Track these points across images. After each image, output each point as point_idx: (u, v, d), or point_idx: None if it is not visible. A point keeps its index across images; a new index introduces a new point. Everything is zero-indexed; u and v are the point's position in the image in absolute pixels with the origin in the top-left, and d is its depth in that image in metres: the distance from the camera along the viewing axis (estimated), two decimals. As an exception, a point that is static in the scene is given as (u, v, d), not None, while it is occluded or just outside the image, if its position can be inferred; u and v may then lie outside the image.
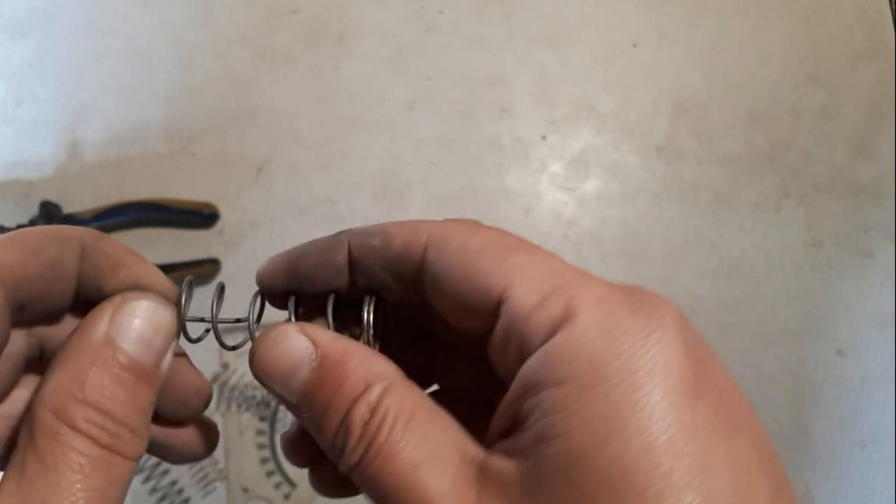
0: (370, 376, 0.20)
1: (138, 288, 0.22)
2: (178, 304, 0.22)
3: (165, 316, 0.21)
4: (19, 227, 0.53)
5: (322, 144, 0.59)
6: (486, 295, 0.19)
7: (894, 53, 0.66)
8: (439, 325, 0.24)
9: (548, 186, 0.60)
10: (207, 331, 0.25)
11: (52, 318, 0.22)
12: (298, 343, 0.21)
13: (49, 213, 0.54)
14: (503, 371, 0.20)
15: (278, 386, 0.21)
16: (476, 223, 0.22)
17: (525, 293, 0.19)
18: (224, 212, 0.57)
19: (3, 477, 0.19)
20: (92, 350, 0.20)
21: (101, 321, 0.20)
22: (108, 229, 0.55)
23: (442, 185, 0.59)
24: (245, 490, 0.53)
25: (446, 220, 0.22)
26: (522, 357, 0.18)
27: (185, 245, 0.56)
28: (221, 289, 0.25)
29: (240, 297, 0.61)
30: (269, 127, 0.58)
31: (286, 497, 0.53)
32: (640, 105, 0.63)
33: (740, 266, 0.61)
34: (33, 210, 0.54)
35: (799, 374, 0.60)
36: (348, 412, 0.19)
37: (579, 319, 0.18)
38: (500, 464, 0.18)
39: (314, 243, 0.24)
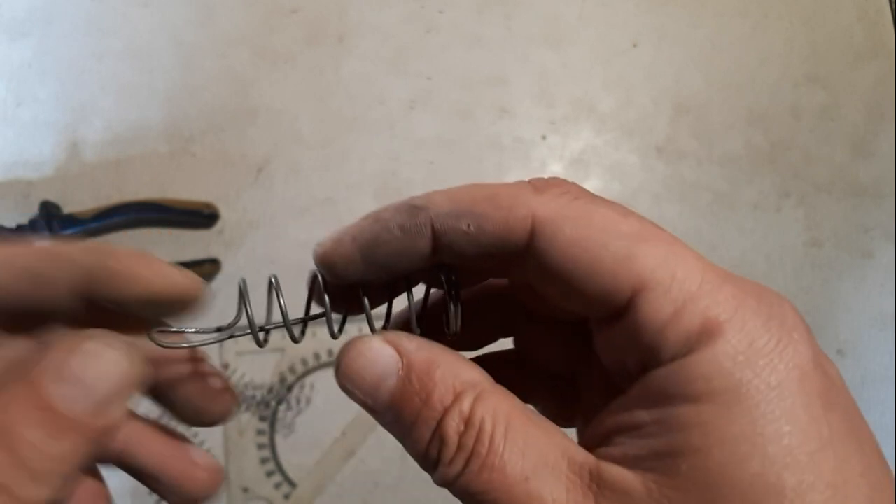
0: (458, 385, 0.19)
1: (151, 302, 0.21)
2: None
3: (118, 363, 0.19)
4: (19, 227, 0.53)
5: (322, 144, 0.59)
6: (612, 296, 0.18)
7: (894, 53, 0.66)
8: (532, 300, 0.23)
9: (548, 186, 0.60)
10: (268, 332, 0.24)
11: (50, 325, 0.22)
12: (383, 352, 0.21)
13: (49, 213, 0.54)
14: (612, 362, 0.20)
15: (365, 397, 0.20)
16: (583, 197, 0.20)
17: (659, 303, 0.18)
18: (224, 212, 0.57)
19: None
20: (23, 383, 0.18)
21: (45, 358, 0.18)
22: (107, 229, 0.55)
23: (442, 185, 0.59)
24: (245, 490, 0.53)
25: (548, 188, 0.20)
26: (648, 365, 0.18)
27: (185, 245, 0.56)
28: (273, 283, 0.25)
29: (237, 297, 0.61)
30: (269, 127, 0.58)
31: (286, 497, 0.53)
32: (640, 105, 0.62)
33: (740, 266, 0.61)
34: (33, 210, 0.54)
35: (799, 374, 0.60)
36: (440, 423, 0.19)
37: (718, 339, 0.17)
38: (621, 474, 0.17)
39: (385, 226, 0.22)
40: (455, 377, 0.19)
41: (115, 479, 0.23)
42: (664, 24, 0.64)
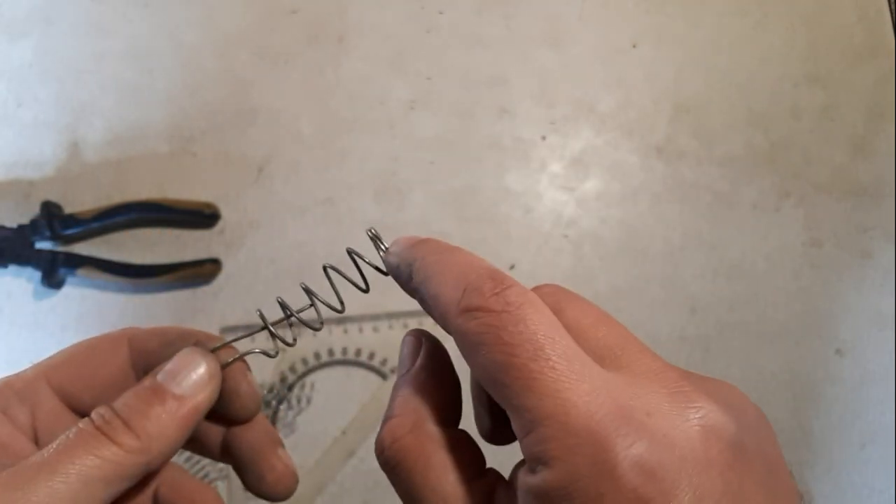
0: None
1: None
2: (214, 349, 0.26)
3: (198, 360, 0.25)
4: (20, 227, 0.54)
5: (322, 144, 0.59)
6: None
7: (894, 53, 0.66)
8: None
9: (548, 186, 0.61)
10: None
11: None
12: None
13: (50, 213, 0.54)
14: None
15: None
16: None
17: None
18: (225, 212, 0.57)
19: None
20: (142, 380, 0.25)
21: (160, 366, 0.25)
22: (109, 229, 0.55)
23: (442, 185, 0.59)
24: (246, 489, 0.53)
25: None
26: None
27: (185, 245, 0.56)
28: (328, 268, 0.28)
29: (240, 297, 0.61)
30: (270, 127, 0.58)
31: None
32: (640, 105, 0.63)
33: (740, 266, 0.61)
34: (34, 210, 0.54)
35: (798, 373, 0.60)
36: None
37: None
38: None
39: None
40: None
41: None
42: (664, 24, 0.64)
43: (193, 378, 0.24)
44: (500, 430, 0.24)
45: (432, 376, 0.24)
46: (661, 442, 0.18)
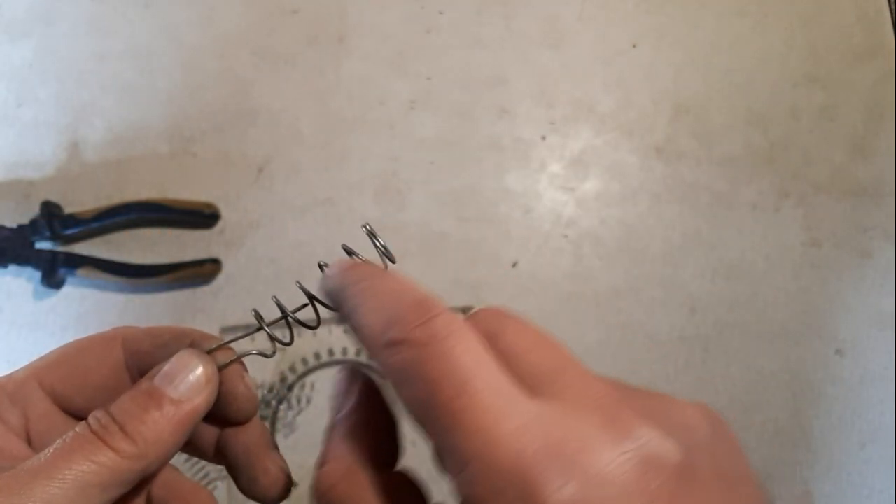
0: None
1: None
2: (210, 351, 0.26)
3: (193, 362, 0.24)
4: (20, 227, 0.54)
5: (322, 144, 0.59)
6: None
7: (893, 54, 0.66)
8: None
9: (547, 186, 0.61)
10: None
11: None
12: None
13: (50, 213, 0.54)
14: None
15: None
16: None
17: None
18: (225, 212, 0.57)
19: None
20: (138, 383, 0.24)
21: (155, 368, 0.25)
22: (109, 229, 0.55)
23: (442, 185, 0.59)
24: (240, 491, 0.53)
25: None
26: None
27: (185, 245, 0.56)
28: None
29: (240, 297, 0.61)
30: (270, 127, 0.59)
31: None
32: (640, 105, 0.63)
33: (739, 266, 0.61)
34: (34, 210, 0.54)
35: (798, 373, 0.60)
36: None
37: None
38: None
39: None
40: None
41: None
42: (664, 24, 0.64)
43: (190, 381, 0.24)
44: None
45: (365, 417, 0.23)
46: (594, 479, 0.17)
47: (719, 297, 0.60)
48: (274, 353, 0.26)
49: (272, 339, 0.26)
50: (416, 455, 0.24)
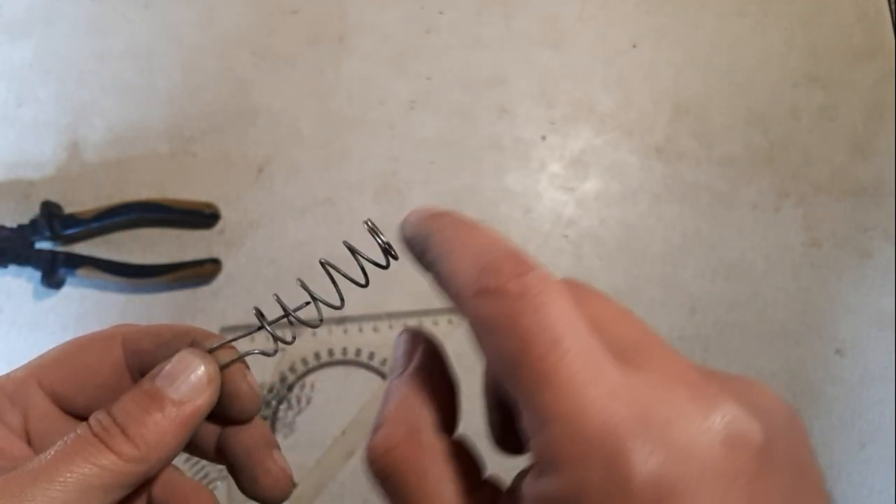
0: None
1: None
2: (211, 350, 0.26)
3: (195, 361, 0.24)
4: (20, 226, 0.54)
5: (322, 144, 0.59)
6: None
7: (893, 54, 0.66)
8: None
9: (547, 186, 0.61)
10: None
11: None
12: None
13: (50, 213, 0.54)
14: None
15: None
16: None
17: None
18: (225, 212, 0.57)
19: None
20: (139, 384, 0.24)
21: (155, 368, 0.25)
22: (109, 229, 0.55)
23: (442, 185, 0.59)
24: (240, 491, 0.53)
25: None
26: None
27: (185, 245, 0.56)
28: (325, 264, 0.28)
29: (240, 297, 0.61)
30: (270, 127, 0.59)
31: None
32: (640, 105, 0.63)
33: (739, 266, 0.61)
34: (34, 210, 0.54)
35: (798, 373, 0.60)
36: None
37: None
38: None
39: None
40: None
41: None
42: (664, 24, 0.64)
43: (192, 381, 0.24)
44: (512, 436, 0.23)
45: (429, 379, 0.22)
46: (681, 452, 0.17)
47: (719, 297, 0.60)
48: (276, 351, 0.26)
49: (274, 337, 0.26)
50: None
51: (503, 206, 0.60)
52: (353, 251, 0.25)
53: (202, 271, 0.55)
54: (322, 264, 0.26)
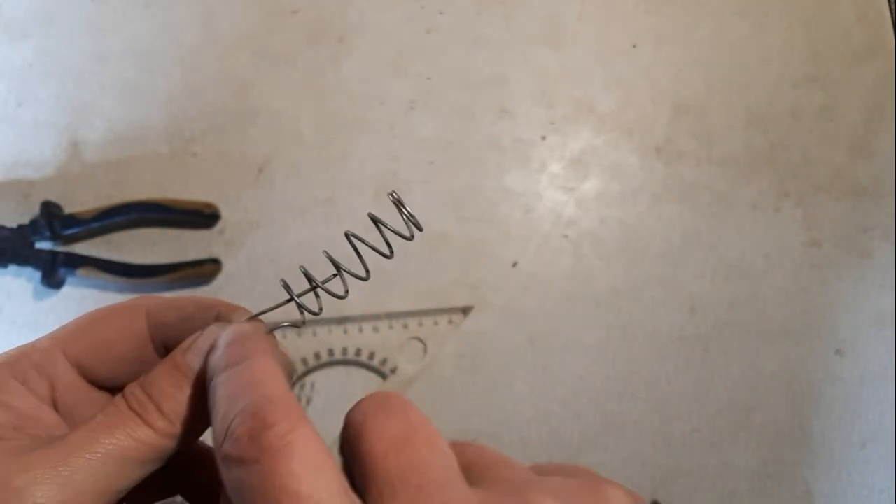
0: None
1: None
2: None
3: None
4: (20, 227, 0.54)
5: (322, 145, 0.59)
6: None
7: (893, 54, 0.66)
8: None
9: (547, 186, 0.61)
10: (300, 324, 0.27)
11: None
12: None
13: (50, 213, 0.54)
14: None
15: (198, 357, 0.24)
16: None
17: None
18: (225, 212, 0.57)
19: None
20: (170, 357, 0.24)
21: (185, 341, 0.25)
22: (109, 229, 0.55)
23: (442, 185, 0.59)
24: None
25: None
26: None
27: (186, 245, 0.56)
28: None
29: (240, 297, 0.61)
30: (270, 127, 0.59)
31: (287, 496, 0.53)
32: (640, 105, 0.63)
33: (739, 266, 0.61)
34: (34, 210, 0.54)
35: (798, 373, 0.60)
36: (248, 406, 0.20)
37: None
38: None
39: None
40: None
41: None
42: (663, 24, 0.64)
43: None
44: None
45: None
46: None
47: (719, 296, 0.60)
48: (304, 322, 0.26)
49: (301, 308, 0.26)
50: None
51: (503, 206, 0.60)
52: (377, 222, 0.26)
53: (202, 271, 0.55)
54: (347, 236, 0.26)
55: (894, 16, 0.66)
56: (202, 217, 0.56)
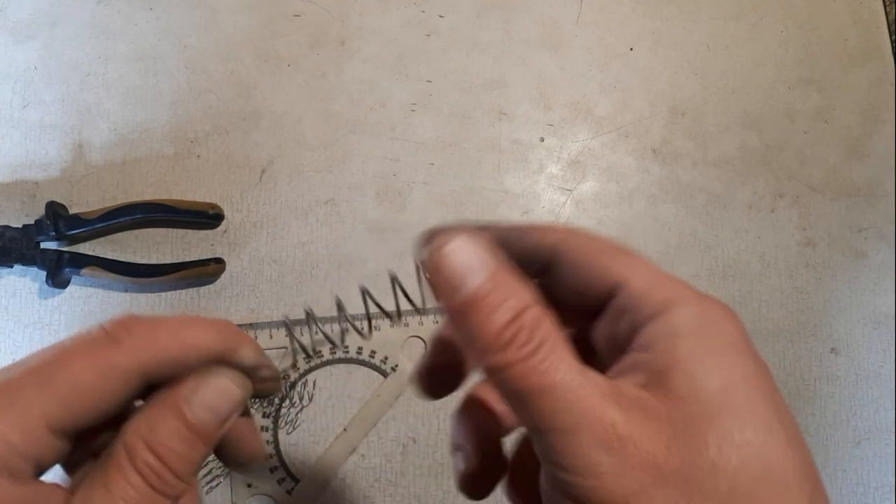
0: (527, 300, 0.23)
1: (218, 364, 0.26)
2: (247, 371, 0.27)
3: (234, 391, 0.26)
4: (25, 227, 0.54)
5: (324, 146, 0.59)
6: (604, 283, 0.26)
7: (888, 56, 0.66)
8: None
9: (545, 187, 0.61)
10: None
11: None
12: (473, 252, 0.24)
13: (55, 214, 0.54)
14: (606, 341, 0.26)
15: (452, 284, 0.23)
16: (583, 233, 0.28)
17: (639, 282, 0.25)
18: (228, 212, 0.57)
19: (75, 491, 0.23)
20: (171, 405, 0.25)
21: (185, 386, 0.25)
22: (114, 229, 0.56)
23: (442, 186, 0.60)
24: (249, 486, 0.54)
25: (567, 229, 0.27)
26: (636, 325, 0.24)
27: (190, 245, 0.57)
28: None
29: (243, 296, 0.61)
30: (273, 129, 0.59)
31: (289, 492, 0.54)
32: (637, 108, 0.63)
33: (735, 266, 0.61)
34: (39, 210, 0.55)
35: (793, 372, 0.60)
36: (521, 312, 0.22)
37: (683, 302, 0.25)
38: (636, 392, 0.23)
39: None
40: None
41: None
42: (660, 28, 0.65)
43: (226, 413, 0.26)
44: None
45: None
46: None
47: (715, 296, 0.60)
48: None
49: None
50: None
51: (502, 206, 0.60)
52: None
53: (206, 271, 0.55)
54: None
55: (889, 18, 0.67)
56: (206, 217, 0.56)
